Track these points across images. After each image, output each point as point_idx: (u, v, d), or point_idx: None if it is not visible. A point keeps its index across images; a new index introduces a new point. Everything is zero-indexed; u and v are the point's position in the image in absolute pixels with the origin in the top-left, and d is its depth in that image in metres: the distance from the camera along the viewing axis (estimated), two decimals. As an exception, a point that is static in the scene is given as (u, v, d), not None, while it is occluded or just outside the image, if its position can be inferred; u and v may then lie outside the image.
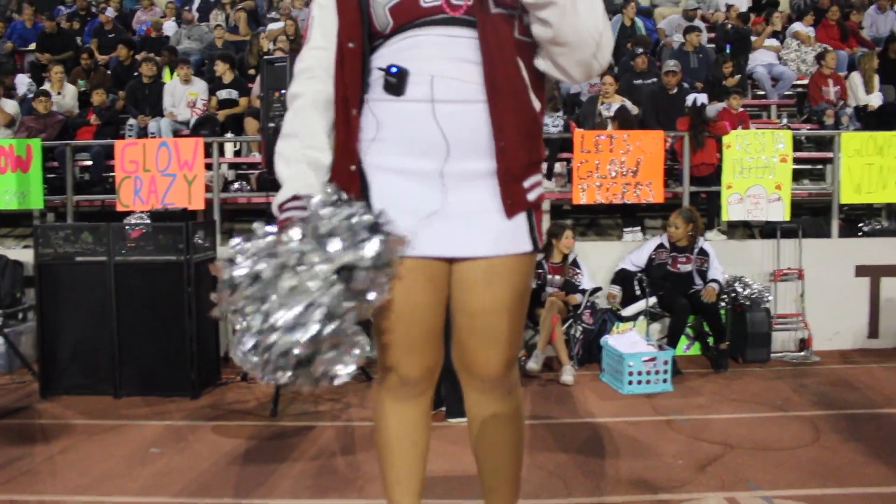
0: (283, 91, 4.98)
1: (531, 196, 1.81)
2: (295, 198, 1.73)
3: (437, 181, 1.74)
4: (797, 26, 10.66)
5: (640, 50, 9.19)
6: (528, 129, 1.78)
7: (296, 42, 9.86)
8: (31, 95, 8.91)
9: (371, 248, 1.54)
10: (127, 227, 5.37)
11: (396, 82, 1.71)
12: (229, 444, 4.30)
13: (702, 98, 7.45)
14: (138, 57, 10.01)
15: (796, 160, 8.11)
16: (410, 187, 1.75)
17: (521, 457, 2.00)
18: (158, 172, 6.51)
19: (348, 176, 1.78)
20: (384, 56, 1.75)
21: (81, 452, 4.20)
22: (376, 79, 1.76)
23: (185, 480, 3.77)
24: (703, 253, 6.11)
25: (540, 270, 5.99)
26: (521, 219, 1.80)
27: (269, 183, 7.05)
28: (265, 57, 5.39)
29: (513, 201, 1.77)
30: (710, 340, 6.16)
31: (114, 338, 5.24)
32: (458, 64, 1.71)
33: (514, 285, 1.83)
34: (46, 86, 8.98)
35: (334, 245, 1.52)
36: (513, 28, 1.72)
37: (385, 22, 1.72)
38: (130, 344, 5.25)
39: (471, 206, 1.76)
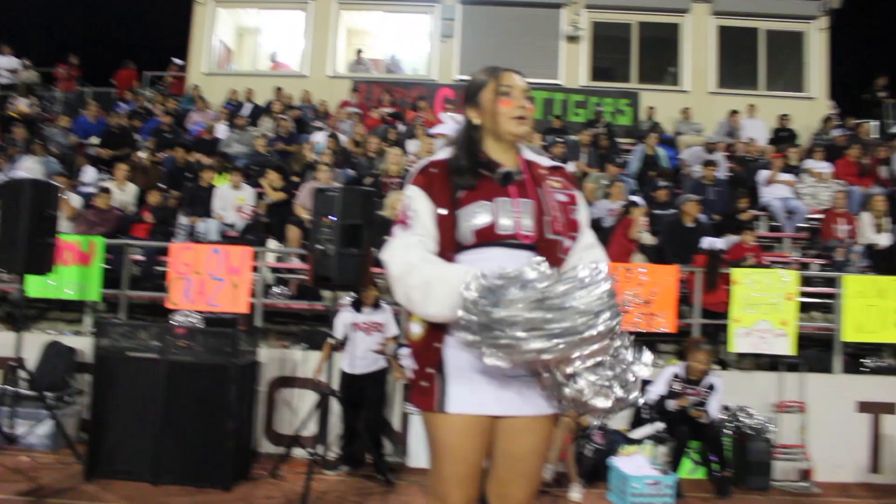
0: (332, 217, 5.57)
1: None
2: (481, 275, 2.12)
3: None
4: (809, 163, 11.22)
5: (664, 183, 9.78)
6: None
7: (337, 155, 10.57)
8: (94, 191, 9.62)
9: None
10: (174, 324, 5.90)
11: None
12: (260, 540, 4.68)
13: (719, 243, 7.97)
14: (190, 158, 10.82)
15: (807, 294, 8.57)
16: (479, 363, 2.19)
17: None
18: (208, 276, 7.08)
19: (433, 350, 2.33)
20: (462, 262, 2.31)
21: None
22: None
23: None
24: (711, 387, 6.49)
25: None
26: None
27: (308, 291, 7.62)
28: (318, 187, 6.04)
29: None
30: (715, 466, 6.46)
31: (158, 429, 5.68)
32: None
33: (545, 436, 2.41)
34: (109, 182, 9.72)
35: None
36: (557, 249, 2.35)
37: (468, 239, 2.31)
38: (173, 436, 5.68)
39: (522, 379, 2.29)
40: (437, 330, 2.31)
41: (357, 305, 6.42)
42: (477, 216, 2.29)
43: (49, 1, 19.34)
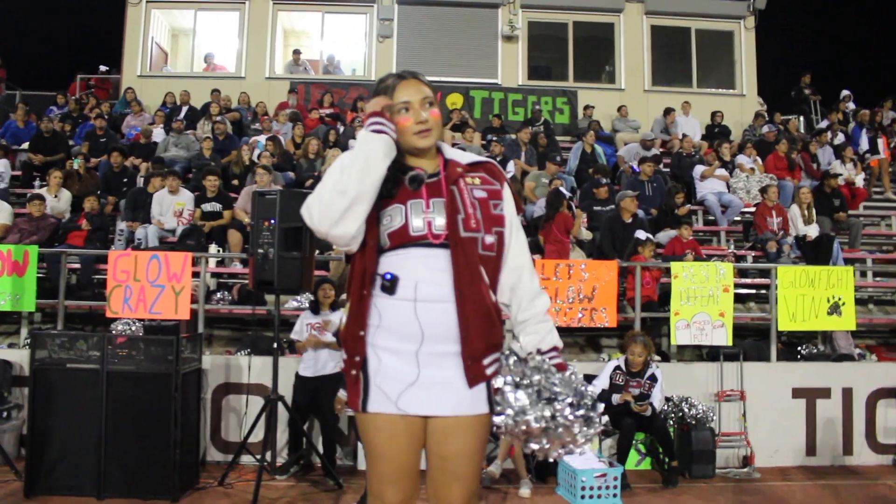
0: (272, 220, 5.53)
1: (490, 371, 2.37)
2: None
3: (413, 359, 2.31)
4: (741, 158, 11.57)
5: (605, 180, 9.97)
6: (487, 319, 2.35)
7: (277, 158, 10.49)
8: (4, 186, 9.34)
9: None
10: (114, 333, 5.77)
11: (390, 285, 2.32)
12: (210, 549, 4.63)
13: (642, 234, 8.30)
14: (127, 163, 10.60)
15: (742, 285, 8.84)
16: (397, 363, 2.32)
17: None
18: (148, 283, 6.94)
19: (358, 339, 2.35)
20: (382, 263, 2.36)
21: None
22: (377, 280, 2.35)
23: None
24: (653, 378, 6.62)
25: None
26: (481, 388, 2.35)
27: (250, 295, 7.55)
28: (257, 190, 5.99)
29: (474, 375, 2.34)
30: (663, 458, 6.61)
31: (101, 441, 5.54)
32: (435, 273, 2.33)
33: (475, 437, 2.39)
34: (42, 189, 9.46)
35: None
36: (477, 246, 2.35)
37: (385, 241, 2.35)
38: (116, 447, 5.55)
39: (442, 378, 2.32)
40: (360, 318, 2.35)
41: (314, 307, 6.43)
42: (390, 220, 2.34)
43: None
